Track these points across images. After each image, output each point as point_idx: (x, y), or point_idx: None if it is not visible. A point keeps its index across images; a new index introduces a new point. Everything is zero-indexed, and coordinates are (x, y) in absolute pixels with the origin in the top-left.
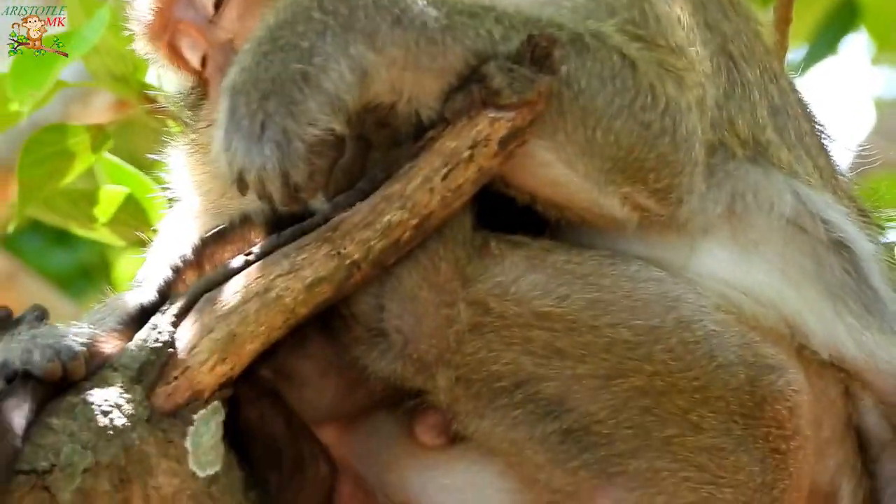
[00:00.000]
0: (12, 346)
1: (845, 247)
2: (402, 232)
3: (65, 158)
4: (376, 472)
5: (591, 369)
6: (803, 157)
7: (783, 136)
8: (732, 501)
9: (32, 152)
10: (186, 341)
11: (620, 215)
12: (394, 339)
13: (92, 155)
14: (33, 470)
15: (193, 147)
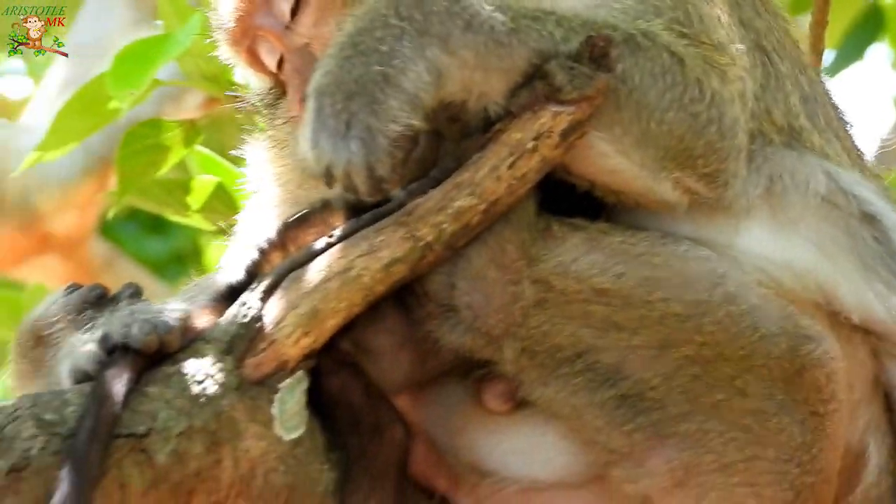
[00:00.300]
0: (112, 321)
1: (875, 219)
2: (471, 216)
3: (160, 151)
4: (447, 435)
5: (644, 340)
6: (832, 139)
7: (814, 121)
8: (774, 459)
9: (130, 145)
10: (273, 316)
11: (672, 199)
12: (464, 315)
13: (184, 148)
14: (132, 434)
15: (272, 142)
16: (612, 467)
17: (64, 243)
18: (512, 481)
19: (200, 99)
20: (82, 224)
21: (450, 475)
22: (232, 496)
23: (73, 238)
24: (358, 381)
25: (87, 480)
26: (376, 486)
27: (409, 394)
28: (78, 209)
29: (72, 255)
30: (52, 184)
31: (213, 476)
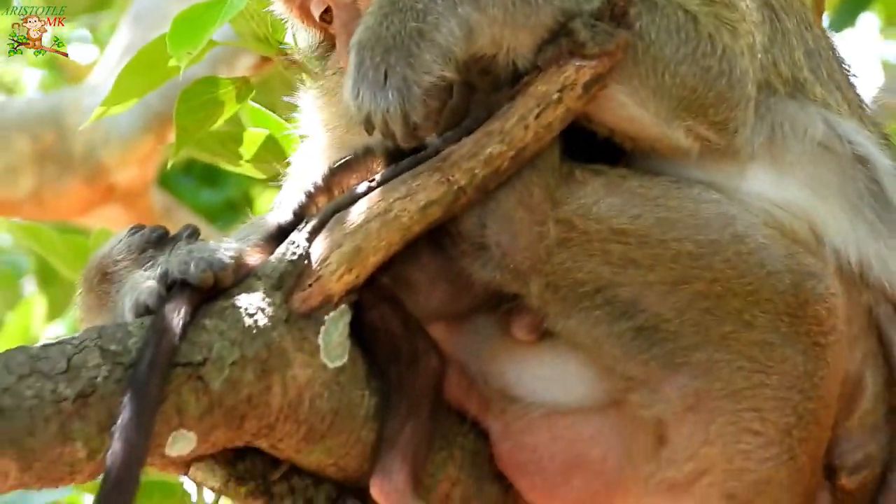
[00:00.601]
0: (171, 259)
1: (868, 163)
2: (500, 162)
3: (215, 106)
4: (478, 363)
5: (659, 277)
6: (834, 91)
7: (817, 74)
8: (779, 387)
9: (187, 101)
10: (319, 254)
11: (684, 145)
12: (493, 252)
13: (237, 103)
14: (189, 363)
15: (322, 92)
16: (628, 393)
17: (126, 194)
18: (537, 406)
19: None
20: (143, 176)
21: (480, 400)
22: (281, 420)
23: (135, 189)
24: (396, 313)
25: (148, 406)
26: (413, 410)
27: (444, 325)
28: (139, 163)
29: (133, 205)
30: (115, 140)
31: (264, 402)
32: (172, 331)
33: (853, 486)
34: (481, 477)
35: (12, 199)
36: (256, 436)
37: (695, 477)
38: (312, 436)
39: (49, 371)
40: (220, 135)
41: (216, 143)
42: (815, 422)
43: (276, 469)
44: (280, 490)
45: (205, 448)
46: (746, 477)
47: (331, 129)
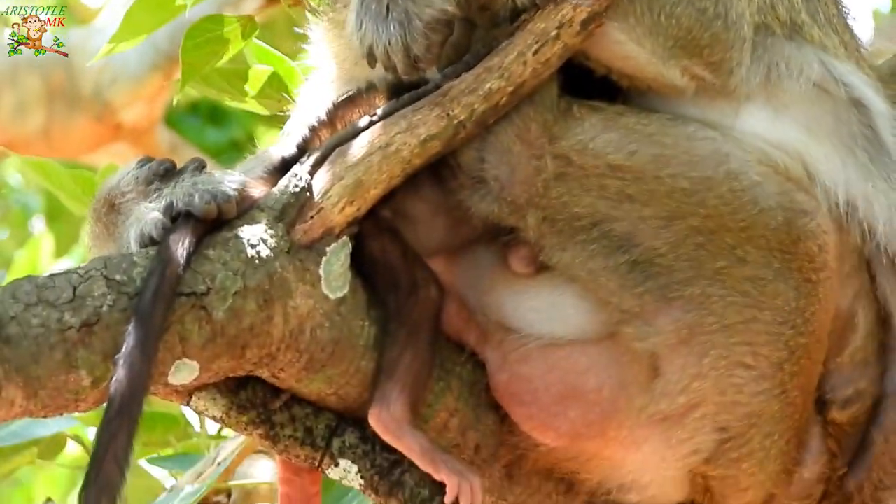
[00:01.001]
0: (176, 190)
1: (862, 104)
2: (500, 97)
3: (220, 43)
4: (476, 295)
5: (654, 212)
6: (831, 34)
7: (814, 17)
8: (771, 322)
9: (193, 38)
10: (321, 187)
11: (680, 84)
12: (492, 185)
13: (242, 40)
14: (193, 292)
15: (331, 24)
16: (623, 325)
17: (133, 132)
18: (534, 337)
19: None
20: (150, 115)
21: (478, 331)
22: (282, 349)
23: (142, 127)
24: (397, 244)
25: (152, 334)
26: (411, 340)
27: (443, 257)
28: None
29: (140, 143)
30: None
31: (266, 331)
32: (176, 261)
33: (844, 420)
34: (478, 407)
35: (22, 137)
36: (258, 365)
37: (687, 409)
38: (313, 365)
39: (55, 300)
40: (225, 72)
41: (221, 80)
42: (806, 356)
43: (277, 398)
44: (280, 419)
45: (207, 377)
46: (738, 410)
47: (339, 61)
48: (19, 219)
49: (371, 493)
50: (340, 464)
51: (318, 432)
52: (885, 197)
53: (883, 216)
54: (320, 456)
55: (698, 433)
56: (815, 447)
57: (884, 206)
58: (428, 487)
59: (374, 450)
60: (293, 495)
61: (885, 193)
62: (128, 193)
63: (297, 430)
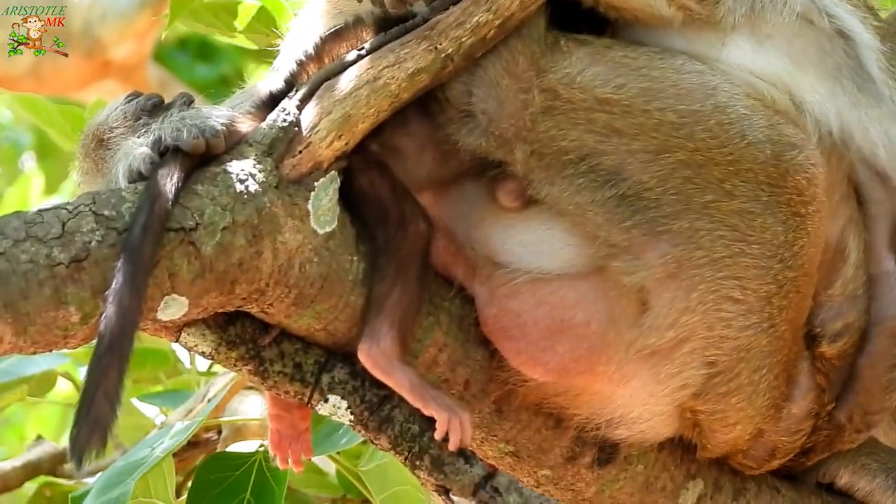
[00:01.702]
0: (164, 125)
1: (846, 35)
2: (487, 30)
3: None
4: (465, 229)
5: (642, 145)
6: None
7: None
8: (759, 255)
9: None
10: (309, 121)
11: (667, 14)
12: (480, 119)
13: None
14: (181, 227)
15: None
16: (611, 260)
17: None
18: (523, 272)
19: None
20: (139, 51)
21: (467, 266)
22: (271, 285)
23: (131, 64)
24: (385, 179)
25: (141, 270)
26: (401, 274)
27: (432, 191)
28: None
29: (129, 80)
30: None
31: (254, 266)
32: (165, 196)
33: (833, 354)
34: (467, 342)
35: (12, 75)
36: (247, 300)
37: (676, 344)
38: (302, 300)
39: (43, 236)
40: (213, 6)
41: (210, 15)
42: (795, 290)
43: (267, 334)
44: (270, 355)
45: (196, 313)
46: (727, 344)
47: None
48: (9, 156)
49: (360, 428)
50: (330, 399)
51: (307, 368)
52: (879, 123)
53: (881, 140)
54: (310, 392)
55: (687, 367)
56: (804, 382)
57: (880, 131)
58: (417, 423)
59: (363, 385)
60: (283, 431)
61: (878, 120)
62: (116, 129)
63: (286, 366)
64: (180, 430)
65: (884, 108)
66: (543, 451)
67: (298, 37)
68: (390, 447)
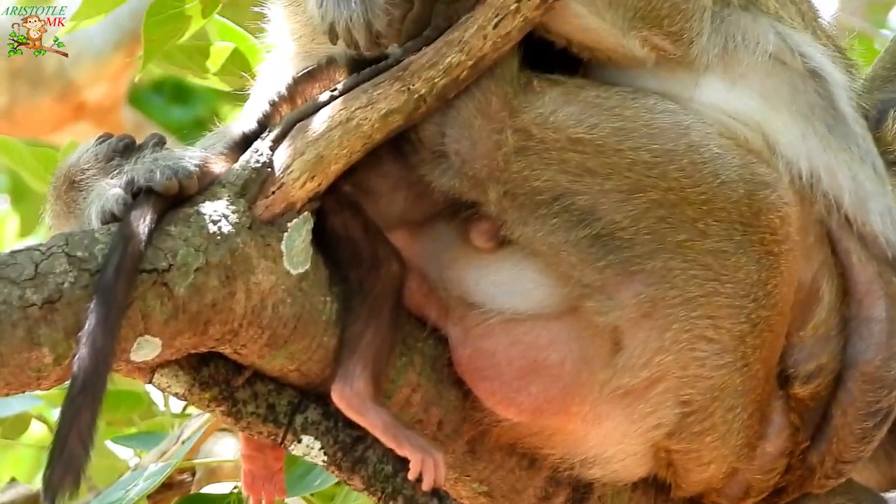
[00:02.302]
0: (137, 167)
1: (819, 75)
2: (460, 71)
3: (182, 19)
4: (438, 269)
5: (616, 185)
6: (788, 4)
7: None
8: (732, 294)
9: (155, 14)
10: (282, 162)
11: (640, 55)
12: (453, 160)
13: (204, 17)
14: (155, 269)
15: (288, 2)
16: (585, 300)
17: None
18: (496, 312)
19: None
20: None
21: (440, 306)
22: (244, 326)
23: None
24: (358, 219)
25: (114, 311)
26: (374, 315)
27: (405, 232)
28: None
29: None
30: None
31: (228, 307)
32: (138, 237)
33: (806, 395)
34: (441, 382)
35: None
36: (220, 341)
37: (650, 384)
38: (275, 341)
39: (16, 277)
40: (187, 48)
41: (183, 57)
42: (768, 329)
43: (240, 375)
44: (243, 396)
45: (169, 353)
46: (701, 384)
47: (297, 38)
48: None
49: (334, 469)
50: (303, 440)
51: (280, 409)
52: (847, 167)
53: (848, 185)
54: (283, 432)
55: (661, 407)
56: (777, 421)
57: (847, 175)
58: (391, 463)
59: (336, 426)
60: (257, 472)
61: (847, 163)
62: (88, 170)
63: (259, 407)
64: (154, 472)
65: (854, 151)
66: (517, 492)
67: (270, 78)
68: (364, 488)
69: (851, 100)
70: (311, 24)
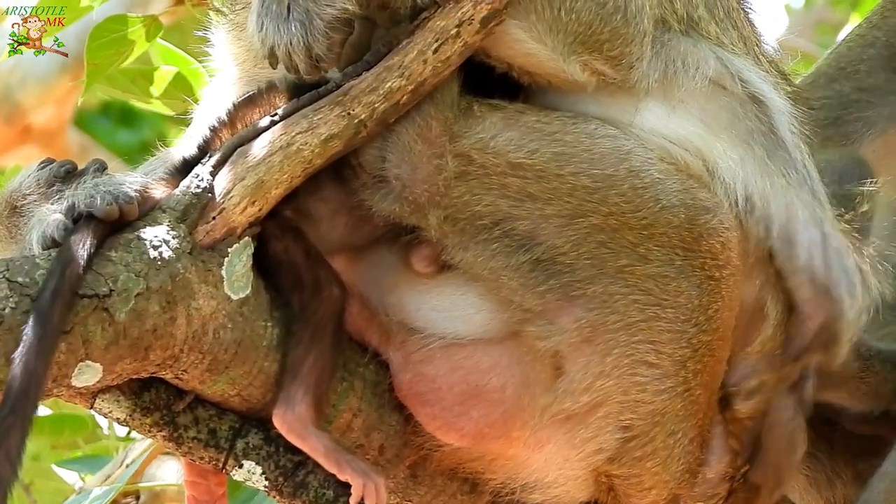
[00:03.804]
0: (78, 192)
1: (759, 100)
2: (400, 96)
3: (125, 44)
4: (379, 294)
5: (556, 210)
6: (729, 29)
7: (713, 12)
8: (673, 319)
9: (98, 38)
10: (222, 187)
11: (581, 80)
12: (393, 185)
13: (147, 41)
14: (95, 294)
15: (231, 26)
16: (526, 324)
17: (43, 134)
18: (437, 337)
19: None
20: (59, 117)
21: (381, 331)
22: (185, 351)
23: (52, 129)
24: (299, 244)
25: (49, 333)
26: (315, 340)
27: (346, 256)
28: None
29: (50, 145)
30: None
31: (169, 332)
32: (77, 261)
33: (746, 413)
34: (382, 407)
35: None
36: (161, 367)
37: (591, 408)
38: (216, 366)
39: None
40: (130, 72)
41: (127, 81)
42: (709, 354)
43: (181, 400)
44: (184, 421)
45: (110, 379)
46: (641, 409)
47: (240, 63)
48: None
49: (276, 494)
50: (245, 465)
51: (221, 434)
52: (782, 195)
53: (779, 217)
54: (224, 457)
55: (602, 432)
56: (718, 446)
57: (781, 205)
58: (332, 488)
59: (278, 451)
60: (200, 497)
61: (783, 190)
62: (29, 196)
63: (200, 432)
64: (99, 496)
65: (791, 177)
66: None
67: (213, 103)
68: None
69: (793, 125)
70: (254, 48)
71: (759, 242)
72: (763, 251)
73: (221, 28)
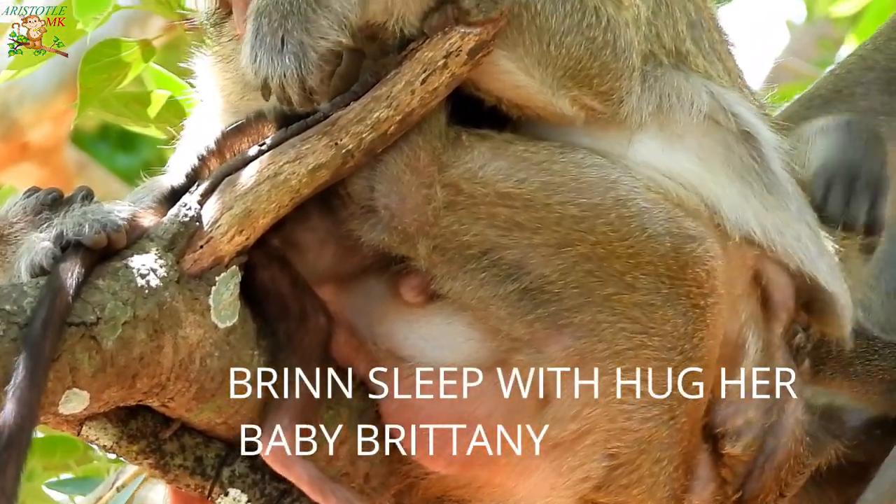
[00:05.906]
0: (66, 220)
1: (751, 136)
2: (388, 126)
3: (118, 67)
4: (367, 324)
5: (544, 239)
6: (715, 61)
7: (699, 45)
8: (660, 347)
9: (91, 62)
10: (210, 216)
11: (570, 114)
12: (382, 214)
13: (141, 64)
14: (83, 322)
15: (217, 58)
16: (514, 353)
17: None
18: (424, 366)
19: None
20: (57, 134)
21: (369, 360)
22: (172, 379)
23: (49, 147)
24: (286, 273)
25: (41, 364)
26: (302, 368)
27: (333, 286)
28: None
29: (47, 163)
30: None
31: (156, 361)
32: (66, 290)
33: (737, 453)
34: (368, 435)
35: None
36: (148, 394)
37: (578, 436)
38: (203, 395)
39: None
40: (124, 96)
41: (120, 104)
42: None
43: (167, 428)
44: (171, 448)
45: (97, 406)
46: (628, 436)
47: (225, 94)
48: None
49: None
50: (230, 493)
51: (207, 461)
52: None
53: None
54: (210, 485)
55: (589, 460)
56: (703, 474)
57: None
58: None
59: (263, 479)
60: None
61: (789, 223)
62: (16, 224)
63: (186, 460)
64: None
65: (792, 208)
66: None
67: (197, 132)
68: None
69: (782, 160)
70: (242, 80)
71: (746, 273)
72: (751, 284)
73: (208, 60)
